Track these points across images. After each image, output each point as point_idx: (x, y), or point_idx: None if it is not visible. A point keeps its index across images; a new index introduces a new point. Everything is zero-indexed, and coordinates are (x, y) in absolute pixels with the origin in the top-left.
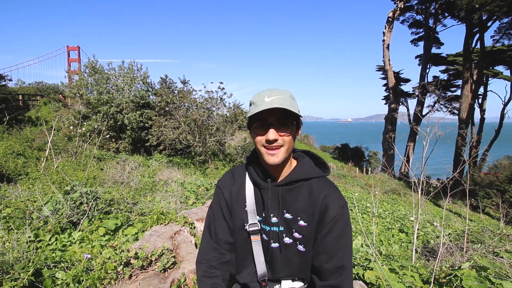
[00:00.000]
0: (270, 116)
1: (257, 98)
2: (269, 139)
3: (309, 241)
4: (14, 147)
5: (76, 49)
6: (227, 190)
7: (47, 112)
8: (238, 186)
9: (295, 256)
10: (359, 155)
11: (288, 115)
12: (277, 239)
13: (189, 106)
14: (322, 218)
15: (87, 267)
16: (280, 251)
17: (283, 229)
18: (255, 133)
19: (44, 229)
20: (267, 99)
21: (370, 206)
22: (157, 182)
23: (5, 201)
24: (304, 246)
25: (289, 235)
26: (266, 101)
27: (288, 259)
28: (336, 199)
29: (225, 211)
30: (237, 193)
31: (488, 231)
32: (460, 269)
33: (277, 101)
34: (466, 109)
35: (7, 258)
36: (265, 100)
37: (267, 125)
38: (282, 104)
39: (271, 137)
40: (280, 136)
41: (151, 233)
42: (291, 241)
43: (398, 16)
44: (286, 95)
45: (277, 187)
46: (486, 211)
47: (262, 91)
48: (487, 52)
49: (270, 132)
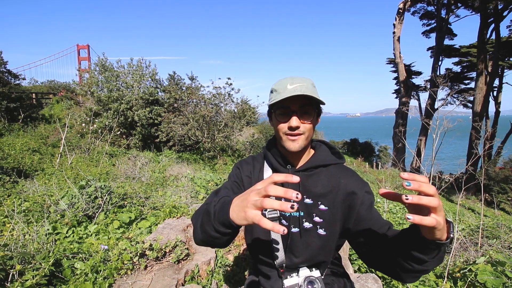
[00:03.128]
0: (293, 103)
1: (279, 86)
2: (291, 126)
3: (330, 225)
4: (30, 144)
5: (85, 48)
6: (246, 172)
7: (60, 110)
8: (258, 171)
9: (314, 240)
10: (369, 150)
11: (311, 103)
12: (297, 224)
13: (197, 102)
14: (350, 205)
15: (104, 258)
16: (300, 236)
17: (303, 214)
18: (277, 120)
19: (61, 222)
20: (290, 87)
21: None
22: (168, 177)
23: (24, 195)
24: (325, 230)
25: (309, 220)
26: (289, 89)
27: (307, 243)
28: (360, 182)
29: (235, 186)
30: (256, 177)
31: (503, 226)
32: (475, 264)
33: (299, 88)
34: (480, 102)
35: (28, 249)
36: (288, 88)
37: (289, 113)
38: (305, 91)
39: (293, 124)
40: (302, 123)
41: (164, 226)
42: (311, 225)
43: (409, 7)
44: (308, 83)
45: (297, 172)
46: (501, 206)
47: (284, 79)
48: (502, 43)
49: (292, 119)
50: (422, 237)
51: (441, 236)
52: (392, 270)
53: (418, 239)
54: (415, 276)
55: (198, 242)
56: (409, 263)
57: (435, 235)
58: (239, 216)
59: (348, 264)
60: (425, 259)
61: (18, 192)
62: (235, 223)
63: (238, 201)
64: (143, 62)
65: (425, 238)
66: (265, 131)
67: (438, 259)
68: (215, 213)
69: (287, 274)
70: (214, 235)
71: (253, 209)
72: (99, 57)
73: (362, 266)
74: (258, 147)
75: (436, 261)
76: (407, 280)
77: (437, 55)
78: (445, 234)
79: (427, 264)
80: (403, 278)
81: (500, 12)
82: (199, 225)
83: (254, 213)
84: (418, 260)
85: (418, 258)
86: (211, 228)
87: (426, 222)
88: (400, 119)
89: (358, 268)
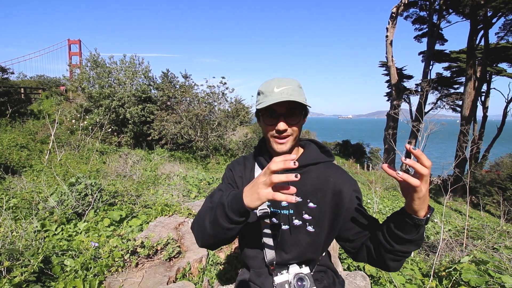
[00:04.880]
0: (279, 107)
1: (265, 88)
2: (279, 129)
3: (319, 222)
4: (18, 139)
5: (77, 43)
6: (238, 173)
7: (49, 105)
8: (249, 171)
9: (304, 237)
10: (360, 152)
11: (297, 105)
12: (287, 222)
13: (191, 100)
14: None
15: (95, 255)
16: (290, 233)
17: (293, 212)
18: (264, 123)
19: (50, 219)
20: (276, 90)
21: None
22: (159, 176)
23: (11, 192)
24: (314, 227)
25: (298, 217)
26: (275, 92)
27: (297, 240)
28: (348, 180)
29: (230, 188)
30: (248, 178)
31: (488, 227)
32: (460, 263)
33: (286, 92)
34: (468, 106)
35: (16, 246)
36: (275, 91)
37: (276, 116)
38: (291, 95)
39: (281, 127)
40: (289, 126)
41: (156, 224)
42: (300, 222)
43: (402, 11)
44: (294, 85)
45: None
46: (486, 208)
47: (271, 80)
48: (491, 49)
49: (280, 124)
50: (403, 211)
51: (419, 208)
52: (377, 257)
53: (399, 217)
54: (396, 260)
55: (206, 240)
56: (390, 243)
57: (415, 205)
58: (252, 198)
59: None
60: (404, 238)
61: (5, 189)
62: (250, 207)
63: (249, 187)
64: (136, 59)
65: (405, 212)
66: (258, 131)
67: (416, 243)
68: (229, 204)
69: (277, 271)
70: (227, 226)
71: (265, 188)
72: (91, 52)
73: (351, 265)
74: (251, 146)
75: (414, 244)
76: (390, 264)
77: (428, 60)
78: (423, 211)
79: (407, 246)
80: (387, 264)
81: (489, 19)
82: (208, 221)
83: (267, 191)
84: (398, 239)
85: (397, 236)
86: (225, 220)
87: (411, 180)
88: (391, 121)
89: (347, 267)
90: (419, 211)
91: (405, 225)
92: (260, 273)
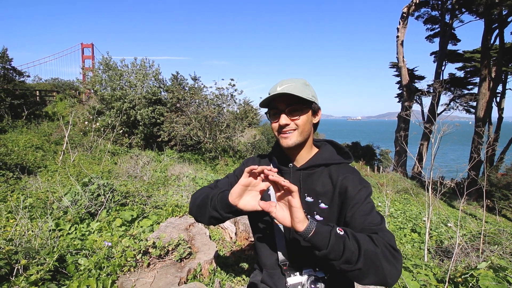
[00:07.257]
0: (280, 103)
1: (271, 88)
2: (280, 124)
3: (330, 223)
4: (33, 140)
5: (90, 46)
6: None
7: (63, 107)
8: None
9: None
10: (370, 154)
11: (299, 101)
12: None
13: (200, 102)
14: (343, 202)
15: (108, 255)
16: None
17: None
18: (270, 120)
19: (64, 218)
20: (279, 88)
21: (382, 205)
22: (169, 177)
23: (27, 191)
24: None
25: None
26: (277, 90)
27: None
28: (356, 180)
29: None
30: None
31: (505, 232)
32: (477, 269)
33: (287, 89)
34: (483, 108)
35: (32, 245)
36: (277, 89)
37: (278, 112)
38: (291, 91)
39: (282, 122)
40: (292, 120)
41: (167, 225)
42: None
43: (413, 11)
44: (298, 83)
45: (298, 171)
46: (502, 213)
47: (278, 81)
48: (506, 49)
49: (281, 117)
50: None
51: (295, 222)
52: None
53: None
54: (356, 277)
55: (192, 208)
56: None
57: (292, 219)
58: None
59: None
60: (317, 255)
61: (21, 188)
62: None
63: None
64: (146, 62)
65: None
66: (267, 132)
67: (332, 262)
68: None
69: (290, 273)
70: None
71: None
72: (103, 56)
73: None
74: (259, 148)
75: (332, 263)
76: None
77: (441, 60)
78: (299, 225)
79: (332, 263)
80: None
81: (504, 18)
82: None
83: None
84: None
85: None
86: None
87: (284, 182)
88: (402, 123)
89: None
90: (294, 224)
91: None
92: (273, 274)
